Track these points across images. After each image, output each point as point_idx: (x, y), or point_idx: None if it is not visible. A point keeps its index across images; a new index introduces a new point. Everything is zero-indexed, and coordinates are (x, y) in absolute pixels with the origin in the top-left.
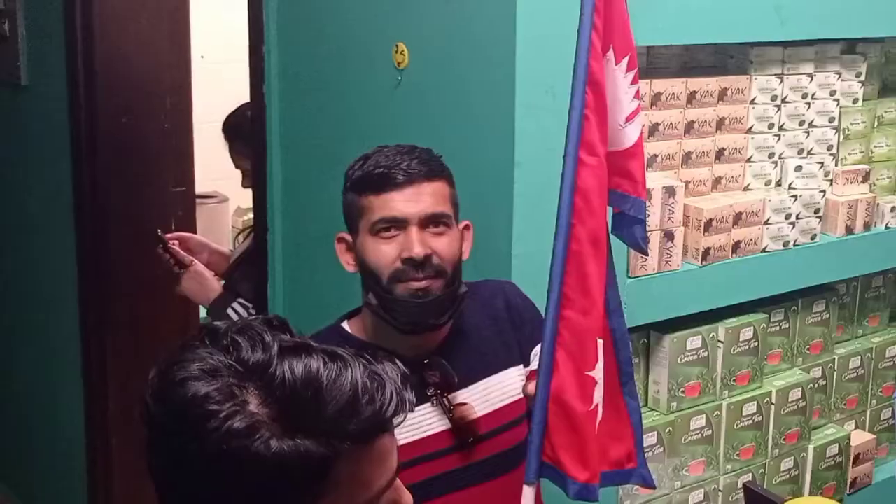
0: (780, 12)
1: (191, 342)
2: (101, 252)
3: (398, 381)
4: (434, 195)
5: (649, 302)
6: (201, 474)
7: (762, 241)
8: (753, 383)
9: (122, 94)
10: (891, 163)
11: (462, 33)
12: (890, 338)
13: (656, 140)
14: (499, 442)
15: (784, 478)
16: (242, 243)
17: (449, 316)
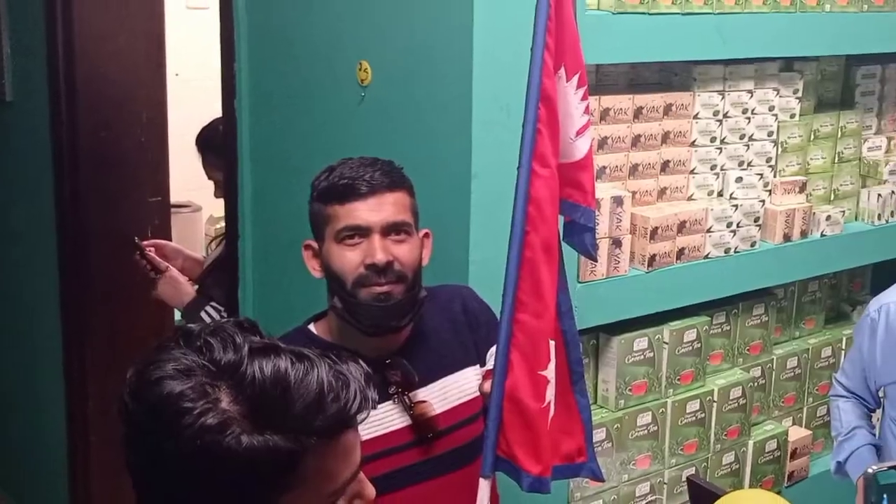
0: (722, 32)
1: (166, 343)
2: (81, 258)
3: (362, 380)
4: (395, 205)
5: (598, 305)
6: (176, 468)
7: (705, 247)
8: (696, 382)
9: (102, 110)
10: (826, 174)
11: (422, 52)
12: (825, 339)
13: (605, 153)
14: (456, 437)
15: (725, 471)
16: (215, 250)
17: (409, 319)
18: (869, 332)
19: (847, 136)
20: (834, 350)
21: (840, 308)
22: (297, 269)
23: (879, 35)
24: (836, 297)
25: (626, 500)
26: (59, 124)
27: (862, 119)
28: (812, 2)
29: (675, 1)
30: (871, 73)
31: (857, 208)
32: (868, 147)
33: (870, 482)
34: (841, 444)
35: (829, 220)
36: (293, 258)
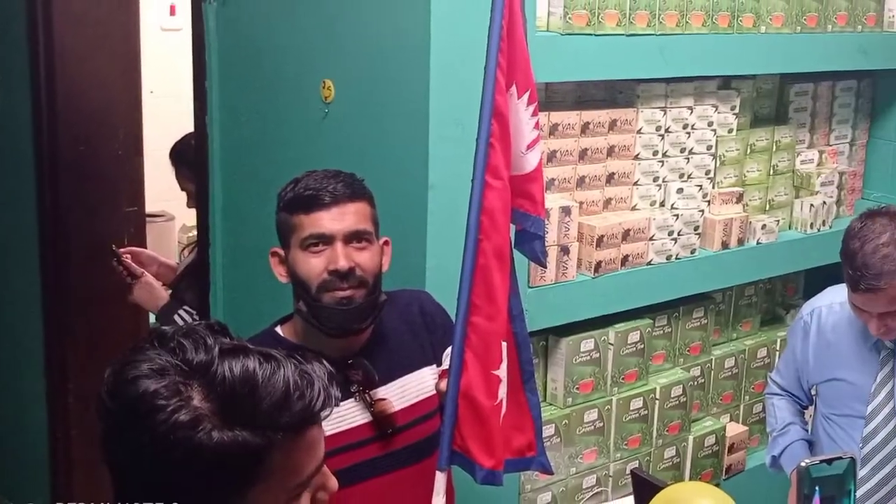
0: (664, 52)
1: (141, 345)
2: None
3: (325, 378)
4: (357, 214)
5: (547, 309)
6: (151, 461)
7: (648, 254)
8: (640, 381)
9: (81, 126)
10: (762, 186)
11: (382, 71)
12: (761, 341)
13: (554, 165)
14: (414, 433)
15: (667, 465)
16: (187, 257)
17: (370, 321)
18: (802, 334)
19: (781, 149)
20: (769, 351)
21: (775, 311)
22: (265, 275)
23: (812, 55)
24: (771, 302)
25: (574, 492)
26: (41, 139)
27: (795, 134)
28: (748, 23)
29: (619, 22)
30: (804, 91)
31: (790, 218)
32: (801, 160)
33: (803, 475)
34: (776, 440)
35: (764, 229)
36: (261, 264)
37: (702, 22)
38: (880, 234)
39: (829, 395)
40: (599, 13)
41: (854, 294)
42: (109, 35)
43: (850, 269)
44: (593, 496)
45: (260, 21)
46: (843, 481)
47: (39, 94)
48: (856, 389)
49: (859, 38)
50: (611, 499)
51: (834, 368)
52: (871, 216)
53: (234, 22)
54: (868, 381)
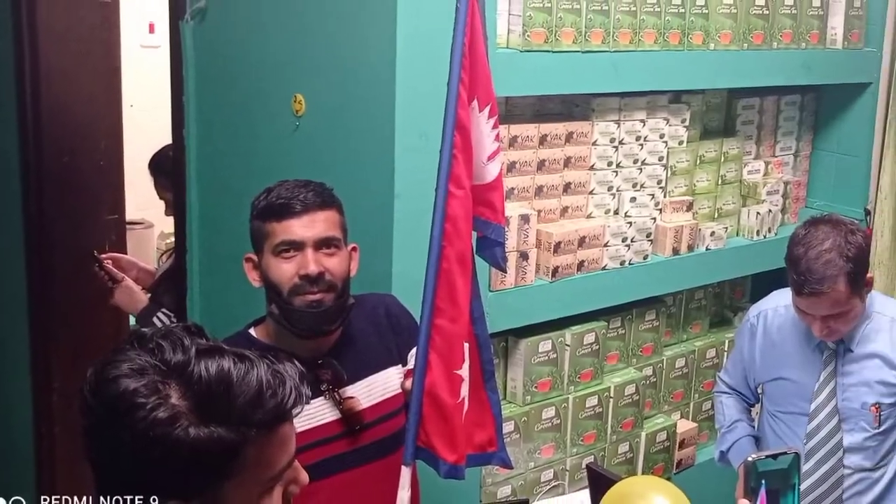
0: (617, 68)
1: (122, 345)
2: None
3: (296, 378)
4: (326, 222)
5: (507, 311)
6: (131, 456)
7: (602, 260)
8: (595, 380)
9: (65, 138)
10: (710, 195)
11: (350, 85)
12: (710, 342)
13: (513, 175)
14: (381, 429)
15: (621, 459)
16: (165, 262)
17: (339, 323)
18: (749, 335)
19: (729, 160)
20: (717, 351)
21: (723, 314)
22: (239, 280)
23: (758, 70)
24: (720, 305)
25: (532, 485)
26: (27, 151)
27: (742, 145)
28: (698, 40)
29: (575, 40)
30: (751, 105)
31: (738, 225)
32: (748, 170)
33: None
34: (724, 436)
35: (713, 236)
36: (235, 269)
37: (654, 39)
38: (823, 240)
39: (774, 393)
40: (556, 31)
41: (798, 298)
42: (92, 52)
43: (794, 274)
44: (551, 489)
45: (234, 39)
46: (788, 475)
47: (25, 109)
48: (800, 388)
49: (803, 55)
50: (567, 492)
51: (779, 368)
52: (815, 224)
53: (210, 40)
54: (811, 380)
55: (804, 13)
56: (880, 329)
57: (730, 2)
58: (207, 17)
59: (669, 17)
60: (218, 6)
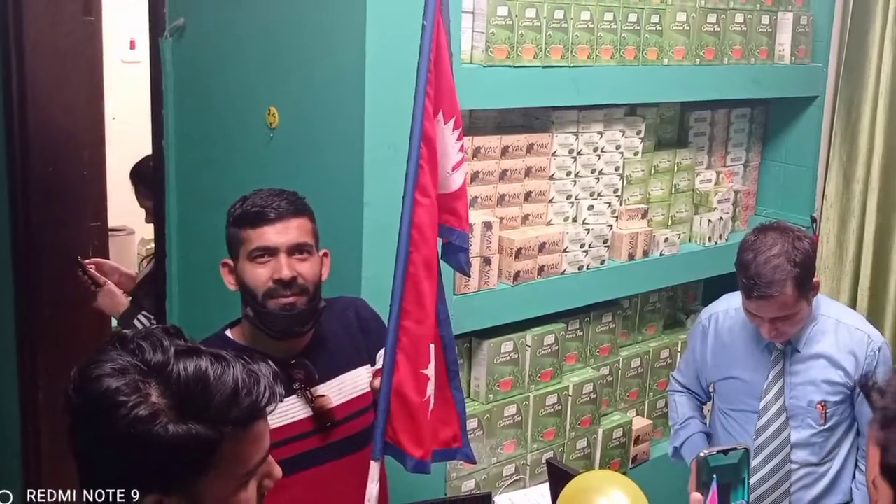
0: (576, 83)
1: (104, 346)
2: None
3: (270, 377)
4: (299, 229)
5: (471, 314)
6: (113, 452)
7: (562, 265)
8: (554, 379)
9: (50, 149)
10: (664, 203)
11: (321, 99)
12: (663, 343)
13: (477, 185)
14: (351, 426)
15: (579, 455)
16: (146, 267)
17: (311, 325)
18: (701, 336)
19: (682, 170)
20: (671, 352)
21: (676, 316)
22: (216, 284)
23: (709, 85)
24: (673, 307)
25: (495, 479)
26: (14, 161)
27: (695, 156)
28: (652, 56)
29: (536, 55)
30: (703, 117)
31: (690, 232)
32: (700, 180)
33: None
34: (677, 432)
35: (667, 242)
36: (212, 274)
37: (610, 55)
38: (771, 246)
39: (725, 391)
40: (518, 47)
41: (748, 301)
42: (76, 67)
43: (744, 279)
44: (512, 483)
45: (211, 55)
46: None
47: (12, 120)
48: (749, 387)
49: (752, 70)
50: (528, 486)
51: (730, 368)
52: (764, 230)
53: (188, 56)
54: (760, 380)
55: (753, 30)
56: (826, 331)
57: (683, 19)
58: (186, 35)
59: (625, 34)
60: (196, 24)
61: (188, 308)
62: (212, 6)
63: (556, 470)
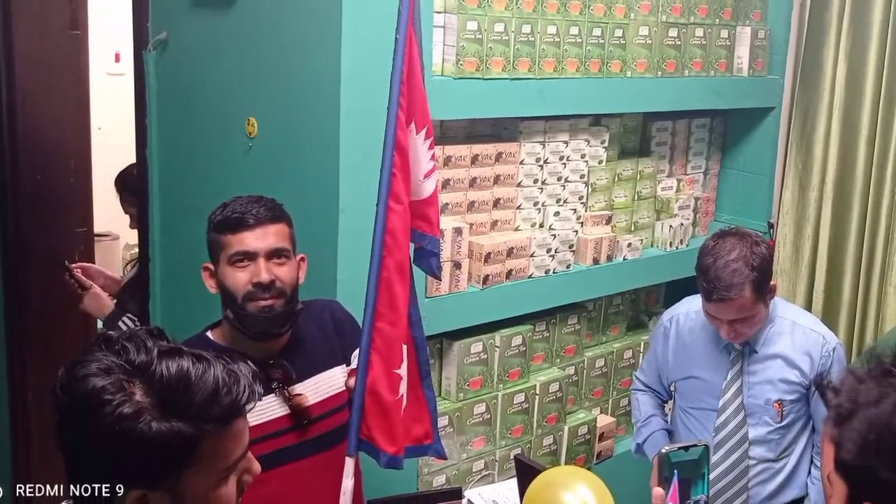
0: (543, 94)
1: (90, 347)
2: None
3: (250, 376)
4: (277, 234)
5: (442, 316)
6: (99, 448)
7: (529, 269)
8: (522, 378)
9: (38, 158)
10: (627, 209)
11: (298, 110)
12: (627, 343)
13: (448, 192)
14: (327, 423)
15: (546, 451)
16: (130, 271)
17: (288, 327)
18: (662, 337)
19: (644, 178)
20: (634, 352)
21: (639, 318)
22: (197, 287)
23: (670, 96)
24: (636, 309)
25: (465, 474)
26: (4, 169)
27: (657, 165)
28: (616, 69)
29: (504, 68)
30: (664, 128)
31: (652, 237)
32: (661, 187)
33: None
34: (640, 430)
35: (630, 247)
36: (194, 277)
37: (576, 68)
38: (730, 251)
39: (685, 390)
40: (487, 60)
41: (707, 303)
42: (63, 79)
43: (704, 282)
44: (482, 478)
45: (193, 67)
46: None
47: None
48: (709, 386)
49: (712, 82)
50: (497, 481)
51: (690, 367)
52: (723, 236)
53: (171, 68)
54: (719, 379)
55: (713, 44)
56: (782, 332)
57: (645, 33)
58: (168, 48)
59: (590, 48)
60: (178, 38)
61: (171, 310)
62: (193, 21)
63: (523, 466)
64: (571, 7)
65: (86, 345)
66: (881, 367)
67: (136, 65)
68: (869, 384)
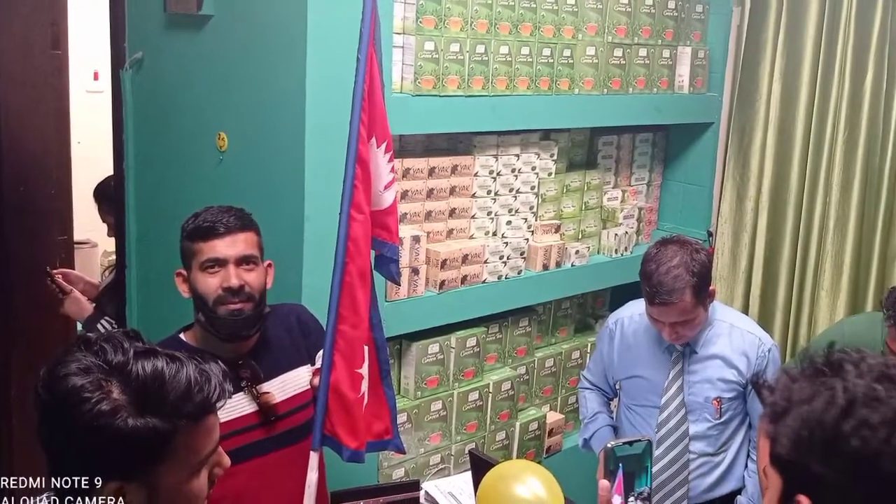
0: (496, 110)
1: (70, 348)
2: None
3: (220, 376)
4: (246, 242)
5: (401, 319)
6: (78, 443)
7: (483, 275)
8: (476, 378)
9: (21, 170)
10: (575, 219)
11: (266, 125)
12: (575, 345)
13: (406, 202)
14: (293, 420)
15: (499, 446)
16: (108, 277)
17: (256, 329)
18: (608, 339)
19: (591, 189)
20: (581, 353)
21: (586, 321)
22: (171, 292)
23: (616, 112)
24: (583, 313)
25: (422, 468)
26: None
27: (603, 177)
28: (564, 86)
29: (459, 86)
30: (610, 142)
31: (599, 245)
32: (607, 198)
33: (608, 454)
34: (587, 425)
35: (577, 254)
36: (168, 283)
37: (527, 85)
38: (672, 257)
39: (630, 389)
40: (443, 78)
41: (651, 307)
42: (44, 96)
43: (647, 287)
44: (438, 471)
45: (167, 85)
46: (642, 459)
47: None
48: (652, 384)
49: (654, 99)
50: (452, 473)
51: (634, 367)
52: (665, 243)
53: (146, 86)
54: (662, 378)
55: (656, 63)
56: (721, 334)
57: (592, 53)
58: (144, 67)
59: (540, 66)
60: (153, 57)
61: (146, 313)
62: (167, 42)
63: (477, 459)
64: (523, 28)
65: (66, 346)
66: (813, 366)
67: (114, 83)
68: (802, 383)
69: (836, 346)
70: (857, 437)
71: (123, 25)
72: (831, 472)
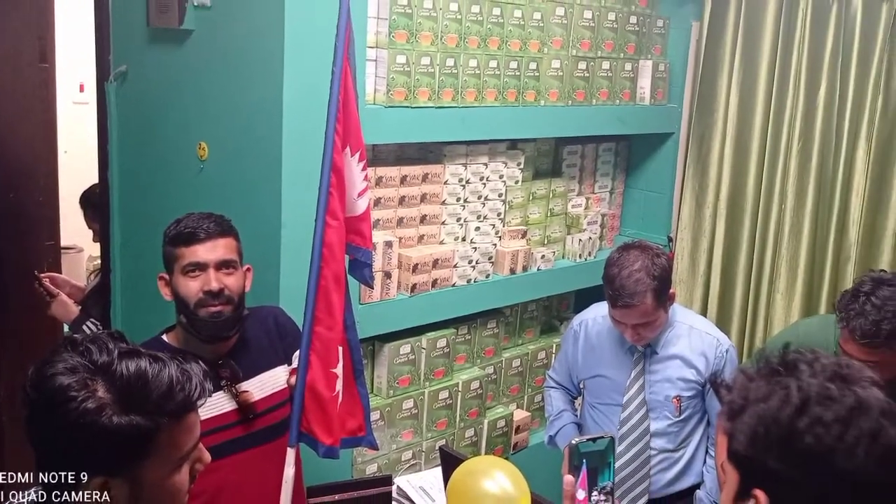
0: (465, 121)
1: (57, 348)
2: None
3: (201, 375)
4: (226, 247)
5: (374, 320)
6: (65, 440)
7: (452, 278)
8: (446, 377)
9: (9, 178)
10: (541, 225)
11: (245, 135)
12: (540, 346)
13: (379, 209)
14: (271, 417)
15: (468, 442)
16: (93, 281)
17: (236, 330)
18: (572, 340)
19: (557, 196)
20: (547, 353)
21: (551, 323)
22: (154, 295)
23: (580, 123)
24: (549, 315)
25: (395, 463)
26: None
27: (567, 184)
28: (531, 98)
29: (430, 97)
30: (574, 151)
31: (564, 250)
32: (572, 205)
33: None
34: (552, 423)
35: (543, 259)
36: (151, 286)
37: (494, 97)
38: (634, 262)
39: (593, 387)
40: (415, 90)
41: (613, 309)
42: (33, 107)
43: (610, 290)
44: (410, 467)
45: (150, 97)
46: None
47: None
48: (614, 383)
49: (617, 110)
50: (423, 469)
51: (597, 367)
52: (627, 248)
53: (130, 97)
54: (624, 377)
55: (618, 76)
56: (681, 335)
57: (557, 66)
58: (128, 79)
59: (507, 79)
60: (137, 70)
61: (130, 316)
62: (151, 55)
63: (447, 456)
64: (490, 42)
65: (53, 346)
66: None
67: (99, 94)
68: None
69: (790, 347)
70: (810, 434)
71: (108, 39)
72: (786, 467)
